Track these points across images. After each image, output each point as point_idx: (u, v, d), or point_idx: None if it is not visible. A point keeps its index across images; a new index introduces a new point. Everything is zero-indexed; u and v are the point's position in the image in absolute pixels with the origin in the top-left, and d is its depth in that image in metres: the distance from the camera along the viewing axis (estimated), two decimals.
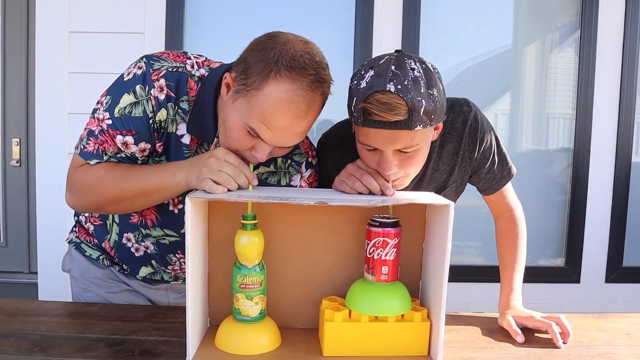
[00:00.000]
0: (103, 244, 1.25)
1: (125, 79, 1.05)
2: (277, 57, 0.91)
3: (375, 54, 2.27)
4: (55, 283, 2.23)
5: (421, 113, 0.94)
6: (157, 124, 1.05)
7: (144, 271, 1.24)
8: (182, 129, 1.06)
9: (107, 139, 1.04)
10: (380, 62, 0.97)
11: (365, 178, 0.93)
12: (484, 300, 2.35)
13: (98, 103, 1.08)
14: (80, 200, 1.07)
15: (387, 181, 1.00)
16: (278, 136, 0.94)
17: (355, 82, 0.97)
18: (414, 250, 1.01)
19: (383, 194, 0.94)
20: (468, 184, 1.28)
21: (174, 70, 1.05)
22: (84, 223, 1.30)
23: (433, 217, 0.96)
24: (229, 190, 0.92)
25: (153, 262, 1.23)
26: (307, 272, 1.01)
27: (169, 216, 1.15)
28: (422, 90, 0.94)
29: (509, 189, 1.27)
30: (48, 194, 2.30)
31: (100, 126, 1.04)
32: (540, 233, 2.52)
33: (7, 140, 3.22)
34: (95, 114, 1.06)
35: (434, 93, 0.96)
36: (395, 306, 0.92)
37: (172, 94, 1.04)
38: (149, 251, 1.21)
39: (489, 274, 2.24)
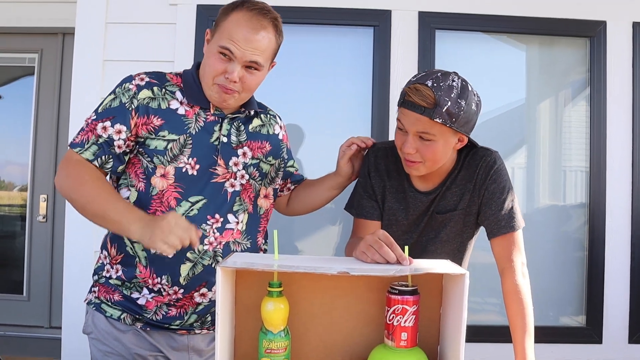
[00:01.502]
0: (137, 271, 1.28)
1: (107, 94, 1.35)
2: (235, 3, 1.28)
3: (392, 109, 2.37)
4: (80, 341, 2.26)
5: (443, 110, 1.20)
6: (141, 102, 1.28)
7: (185, 270, 1.28)
8: (174, 104, 1.31)
9: (91, 128, 1.28)
10: (433, 70, 1.28)
11: (383, 250, 0.99)
12: None
13: None
14: (62, 187, 1.26)
15: (408, 157, 1.28)
16: (242, 49, 1.23)
17: (411, 78, 1.29)
18: (432, 317, 1.04)
19: (400, 263, 0.99)
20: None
21: (152, 71, 1.36)
22: (106, 273, 1.33)
23: (449, 286, 1.00)
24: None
25: (188, 254, 1.27)
26: (329, 337, 1.05)
27: (190, 182, 1.29)
28: (452, 95, 1.20)
29: (515, 245, 1.32)
30: (75, 251, 2.36)
31: (87, 122, 1.30)
32: (559, 291, 2.50)
33: (35, 197, 3.34)
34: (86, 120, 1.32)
35: (462, 103, 1.21)
36: None
37: (155, 81, 1.32)
38: None
39: (508, 334, 2.23)
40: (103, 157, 1.27)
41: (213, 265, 1.30)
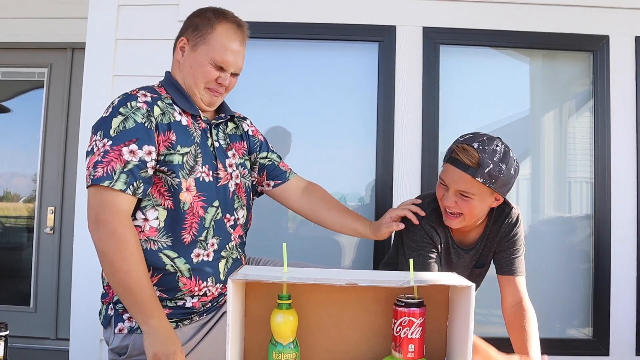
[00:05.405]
0: (180, 284, 1.31)
1: (105, 115, 1.27)
2: (212, 13, 1.40)
3: (397, 123, 2.41)
4: (87, 352, 2.28)
5: (485, 171, 1.32)
6: (157, 120, 1.30)
7: (222, 266, 1.36)
8: (177, 116, 1.36)
9: (113, 156, 1.22)
10: (480, 133, 1.40)
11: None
12: None
13: (90, 144, 1.26)
14: (103, 246, 1.22)
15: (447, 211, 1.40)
16: (234, 59, 1.39)
17: (458, 138, 1.42)
18: (438, 329, 1.06)
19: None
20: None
21: (143, 86, 1.39)
22: None
23: (456, 298, 1.01)
24: None
25: (222, 252, 1.36)
26: (337, 348, 1.06)
27: (208, 188, 1.35)
28: (495, 159, 1.33)
29: (521, 285, 1.50)
30: (83, 263, 2.37)
31: (104, 150, 1.22)
32: (565, 303, 2.49)
33: (43, 209, 3.37)
34: (94, 150, 1.23)
35: (503, 167, 1.33)
36: None
37: (155, 95, 1.35)
38: (215, 247, 1.35)
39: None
40: (134, 183, 1.24)
41: (237, 257, 1.42)
